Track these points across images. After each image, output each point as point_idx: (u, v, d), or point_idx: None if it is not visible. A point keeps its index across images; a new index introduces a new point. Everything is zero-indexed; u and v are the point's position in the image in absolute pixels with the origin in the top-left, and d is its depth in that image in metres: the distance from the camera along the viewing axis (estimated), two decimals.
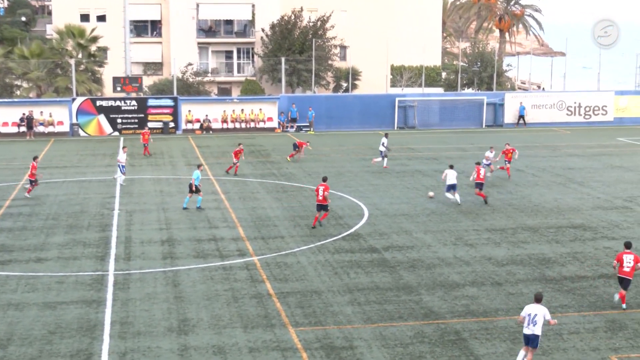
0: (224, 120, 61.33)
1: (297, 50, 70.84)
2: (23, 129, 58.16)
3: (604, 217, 33.17)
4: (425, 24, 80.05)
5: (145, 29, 77.73)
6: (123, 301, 22.90)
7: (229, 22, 77.87)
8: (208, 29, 77.23)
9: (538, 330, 18.08)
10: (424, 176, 42.39)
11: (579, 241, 29.51)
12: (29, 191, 37.03)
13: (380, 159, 45.21)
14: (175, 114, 60.21)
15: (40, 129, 58.52)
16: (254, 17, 75.63)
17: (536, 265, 26.39)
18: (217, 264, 26.57)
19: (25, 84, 65.73)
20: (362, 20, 77.24)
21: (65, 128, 58.95)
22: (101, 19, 74.91)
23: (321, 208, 31.13)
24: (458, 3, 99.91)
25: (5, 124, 58.44)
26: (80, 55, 64.76)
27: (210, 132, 60.40)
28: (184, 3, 74.47)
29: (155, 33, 77.65)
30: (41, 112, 58.90)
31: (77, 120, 58.76)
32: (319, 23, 72.08)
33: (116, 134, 59.18)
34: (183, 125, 60.49)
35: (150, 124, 58.33)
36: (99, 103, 59.29)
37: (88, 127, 59.04)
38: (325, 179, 31.91)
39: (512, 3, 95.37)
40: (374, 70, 73.43)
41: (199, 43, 75.77)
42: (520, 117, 64.23)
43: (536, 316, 18.04)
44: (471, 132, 61.63)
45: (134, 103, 59.83)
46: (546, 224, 31.94)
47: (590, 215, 33.61)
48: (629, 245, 22.63)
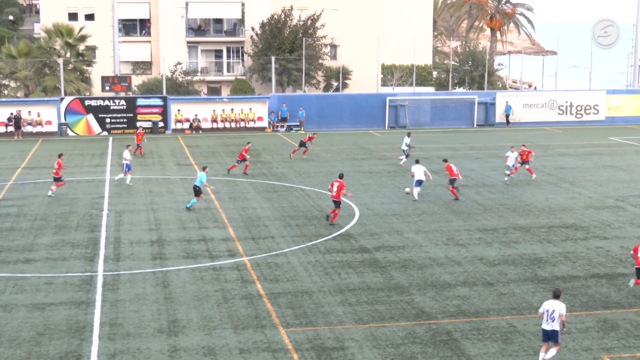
0: (214, 120, 61.10)
1: (288, 49, 70.65)
2: (11, 128, 57.77)
3: (596, 217, 33.13)
4: (416, 23, 79.88)
5: (134, 27, 77.45)
6: (112, 302, 22.71)
7: (219, 21, 77.72)
8: (197, 28, 76.98)
9: (557, 326, 18.24)
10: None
11: (571, 241, 29.46)
12: (59, 185, 36.98)
13: (404, 158, 45.07)
14: (164, 113, 59.92)
15: (29, 128, 58.12)
16: (243, 16, 75.48)
17: (528, 265, 26.30)
18: (207, 264, 26.39)
19: (13, 84, 65.29)
20: (353, 19, 77.18)
21: (54, 128, 58.61)
22: (89, 17, 74.53)
23: (334, 204, 31.72)
24: (449, 2, 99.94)
25: None
26: (68, 55, 64.41)
27: (200, 132, 60.15)
28: (173, 2, 74.23)
29: (144, 32, 77.36)
30: (29, 112, 58.52)
31: (66, 119, 58.43)
32: (309, 22, 71.92)
33: (105, 133, 58.85)
34: (172, 125, 60.23)
35: (139, 124, 58.01)
36: (87, 102, 58.94)
37: (76, 127, 58.71)
38: (341, 175, 32.85)
39: (504, 2, 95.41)
40: (365, 70, 73.26)
41: (188, 42, 75.56)
42: (507, 117, 63.88)
43: (554, 312, 18.23)
44: (462, 132, 61.54)
45: (122, 102, 59.51)
46: (538, 224, 31.87)
47: (582, 214, 33.56)
48: None
